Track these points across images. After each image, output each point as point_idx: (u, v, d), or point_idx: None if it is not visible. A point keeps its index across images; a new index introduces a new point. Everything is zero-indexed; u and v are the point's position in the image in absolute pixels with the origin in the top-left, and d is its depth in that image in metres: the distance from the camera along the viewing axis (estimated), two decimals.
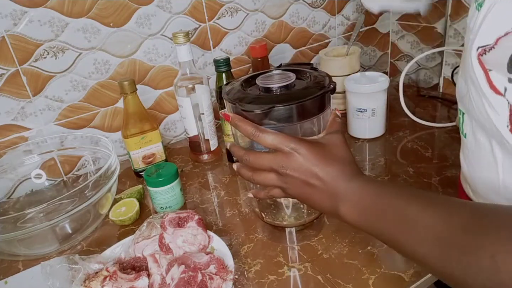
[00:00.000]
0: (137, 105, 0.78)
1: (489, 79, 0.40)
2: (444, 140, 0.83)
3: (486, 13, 0.39)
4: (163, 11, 0.86)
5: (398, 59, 1.23)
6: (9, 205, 0.79)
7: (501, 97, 0.39)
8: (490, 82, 0.40)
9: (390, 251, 0.55)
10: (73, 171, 0.87)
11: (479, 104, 0.43)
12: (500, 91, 0.39)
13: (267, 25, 1.00)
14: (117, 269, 0.53)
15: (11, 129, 0.79)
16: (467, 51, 0.43)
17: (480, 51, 0.40)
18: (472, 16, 0.42)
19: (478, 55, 0.40)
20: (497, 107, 0.40)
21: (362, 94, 0.82)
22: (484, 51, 0.39)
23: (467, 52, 0.43)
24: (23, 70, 0.77)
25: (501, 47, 0.37)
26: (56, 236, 0.65)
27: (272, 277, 0.55)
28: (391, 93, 1.08)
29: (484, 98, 0.41)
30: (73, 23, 0.78)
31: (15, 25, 0.73)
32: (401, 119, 0.93)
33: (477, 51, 0.40)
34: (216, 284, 0.50)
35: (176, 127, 0.99)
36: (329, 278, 0.53)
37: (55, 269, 0.52)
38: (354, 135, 0.88)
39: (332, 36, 1.13)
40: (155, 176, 0.68)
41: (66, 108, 0.83)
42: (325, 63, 0.97)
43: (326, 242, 0.59)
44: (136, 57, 0.87)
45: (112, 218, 0.69)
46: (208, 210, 0.71)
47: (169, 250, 0.56)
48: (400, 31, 1.19)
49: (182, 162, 0.88)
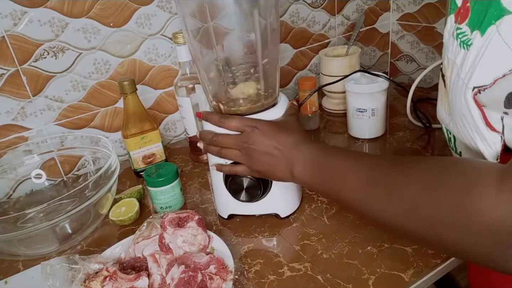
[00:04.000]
0: (137, 105, 0.78)
1: (485, 117, 0.41)
2: (444, 140, 0.83)
3: (478, 54, 0.39)
4: (163, 11, 0.86)
5: (398, 59, 1.23)
6: (9, 205, 0.79)
7: (495, 133, 0.40)
8: (486, 120, 0.41)
9: (391, 251, 0.56)
10: (73, 171, 0.87)
11: (468, 137, 0.43)
12: (495, 128, 0.40)
13: None
14: (117, 269, 0.53)
15: (11, 129, 0.79)
16: (458, 89, 0.42)
17: (475, 91, 0.40)
18: (457, 53, 0.42)
19: (474, 94, 0.40)
20: (490, 142, 0.41)
21: (362, 94, 0.82)
22: (479, 90, 0.39)
23: (458, 90, 0.42)
24: (23, 70, 0.77)
25: (497, 87, 0.38)
26: (56, 236, 0.65)
27: (272, 277, 0.55)
28: (391, 93, 1.08)
29: (477, 133, 0.42)
30: (73, 23, 0.78)
31: (15, 25, 0.73)
32: (401, 119, 0.93)
33: (473, 91, 0.40)
34: (216, 284, 0.50)
35: (176, 127, 0.99)
36: (329, 278, 0.53)
37: (55, 269, 0.52)
38: (354, 135, 0.88)
39: (332, 36, 1.13)
40: (155, 176, 0.68)
41: (66, 108, 0.83)
42: (325, 63, 0.97)
43: (326, 242, 0.59)
44: (136, 57, 0.87)
45: (112, 218, 0.69)
46: (208, 210, 0.71)
47: (169, 250, 0.56)
48: (400, 31, 1.19)
49: (182, 162, 0.88)
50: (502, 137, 0.40)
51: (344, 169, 0.46)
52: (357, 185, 0.43)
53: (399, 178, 0.39)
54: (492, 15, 0.37)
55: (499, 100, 0.38)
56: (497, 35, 0.36)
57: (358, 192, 0.43)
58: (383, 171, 0.42)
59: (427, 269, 0.52)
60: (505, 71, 0.36)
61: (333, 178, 0.47)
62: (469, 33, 0.40)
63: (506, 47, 0.36)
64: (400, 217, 0.38)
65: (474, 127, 0.42)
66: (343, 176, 0.45)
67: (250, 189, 0.60)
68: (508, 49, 0.36)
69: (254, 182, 0.59)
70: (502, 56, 0.36)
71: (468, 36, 0.40)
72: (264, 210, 0.65)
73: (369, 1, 1.15)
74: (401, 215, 0.38)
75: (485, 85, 0.38)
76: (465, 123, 0.43)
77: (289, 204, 0.66)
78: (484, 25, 0.38)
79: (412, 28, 1.14)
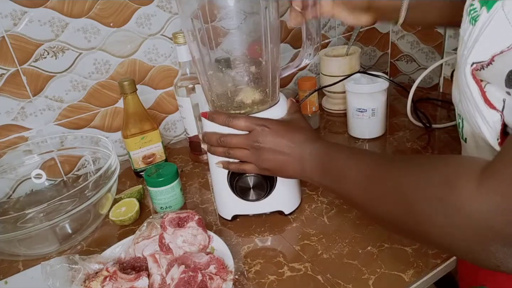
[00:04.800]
0: (137, 105, 0.78)
1: (484, 94, 0.40)
2: (444, 140, 0.83)
3: (481, 29, 0.39)
4: (163, 11, 0.86)
5: (398, 59, 1.23)
6: (9, 205, 0.79)
7: (494, 111, 0.40)
8: (485, 97, 0.40)
9: (391, 251, 0.56)
10: (73, 171, 0.87)
11: (471, 116, 0.43)
12: (495, 106, 0.40)
13: None
14: (117, 269, 0.53)
15: (11, 129, 0.79)
16: (460, 65, 0.43)
17: (474, 66, 0.40)
18: (466, 29, 0.42)
19: (472, 70, 0.40)
20: (490, 120, 0.41)
21: (362, 94, 0.82)
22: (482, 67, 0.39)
23: (460, 66, 0.43)
24: (23, 70, 0.77)
25: (498, 64, 0.37)
26: (56, 236, 0.65)
27: (272, 277, 0.55)
28: (391, 93, 1.08)
29: (477, 111, 0.42)
30: (73, 23, 0.78)
31: (15, 25, 0.73)
32: (401, 119, 0.93)
33: (472, 67, 0.40)
34: (216, 284, 0.50)
35: (176, 127, 0.99)
36: (329, 278, 0.53)
37: (55, 269, 0.52)
38: (354, 135, 0.88)
39: (332, 36, 1.13)
40: (155, 176, 0.68)
41: (66, 108, 0.83)
42: (325, 63, 0.97)
43: (326, 242, 0.59)
44: (136, 57, 0.87)
45: (112, 218, 0.69)
46: (208, 210, 0.71)
47: (169, 250, 0.56)
48: (400, 31, 1.19)
49: (182, 162, 0.88)
50: (502, 116, 0.40)
51: (347, 166, 0.47)
52: (357, 181, 0.45)
53: (393, 173, 0.41)
54: None
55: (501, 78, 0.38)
56: (501, 11, 0.36)
57: (358, 188, 0.45)
58: (381, 167, 0.43)
59: (427, 269, 0.52)
60: (503, 48, 0.36)
61: (338, 175, 0.48)
62: (479, 8, 0.40)
63: (508, 23, 0.35)
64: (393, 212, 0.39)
65: (474, 104, 0.41)
66: (346, 173, 0.47)
67: (257, 188, 0.60)
68: (509, 25, 0.35)
69: (260, 180, 0.59)
70: (503, 32, 0.36)
71: (477, 12, 0.40)
72: (268, 208, 0.65)
73: None
74: (393, 210, 0.39)
75: (483, 61, 0.38)
76: (467, 101, 0.43)
77: (293, 200, 0.66)
78: (492, 1, 0.38)
79: (412, 28, 1.14)
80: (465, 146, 0.50)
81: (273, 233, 0.63)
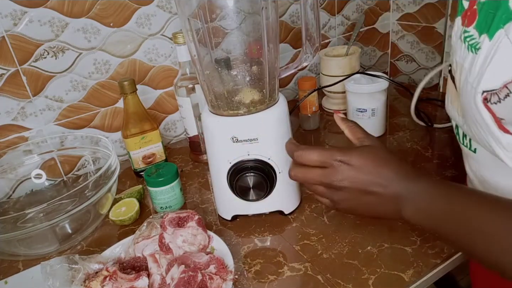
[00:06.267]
0: (137, 105, 0.78)
1: (498, 122, 0.39)
2: (444, 140, 0.83)
3: (486, 58, 0.38)
4: (163, 11, 0.86)
5: (398, 59, 1.23)
6: (9, 205, 0.79)
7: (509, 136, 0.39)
8: (499, 123, 0.39)
9: (391, 251, 0.56)
10: (73, 171, 0.87)
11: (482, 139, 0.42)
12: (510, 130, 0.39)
13: None
14: (117, 269, 0.53)
15: (11, 129, 0.79)
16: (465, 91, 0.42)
17: (485, 95, 0.39)
18: (465, 56, 0.41)
19: (483, 98, 0.39)
20: (505, 144, 0.40)
21: (362, 94, 0.82)
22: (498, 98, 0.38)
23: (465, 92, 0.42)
24: (23, 70, 0.77)
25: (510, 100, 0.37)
26: (56, 236, 0.65)
27: (272, 277, 0.55)
28: (391, 93, 1.08)
29: (491, 135, 0.41)
30: (73, 23, 0.78)
31: (15, 25, 0.73)
32: (401, 119, 0.93)
33: (482, 95, 0.39)
34: (216, 284, 0.50)
35: (176, 127, 0.99)
36: (329, 278, 0.53)
37: (55, 269, 0.52)
38: None
39: (332, 36, 1.13)
40: (155, 176, 0.68)
41: (66, 108, 0.83)
42: (325, 63, 0.97)
43: (326, 242, 0.59)
44: (136, 57, 0.87)
45: (112, 218, 0.69)
46: (208, 210, 0.71)
47: (169, 250, 0.56)
48: (400, 31, 1.19)
49: (182, 162, 0.88)
50: None
51: (467, 215, 0.40)
52: (479, 231, 0.39)
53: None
54: (501, 18, 0.36)
55: None
56: (506, 39, 0.36)
57: (478, 238, 0.39)
58: (499, 217, 0.39)
59: (427, 269, 0.52)
60: None
61: (456, 224, 0.41)
62: (477, 36, 0.40)
63: None
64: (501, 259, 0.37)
65: (488, 131, 0.41)
66: (467, 222, 0.40)
67: (257, 188, 0.60)
68: None
69: (260, 180, 0.59)
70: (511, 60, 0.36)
71: (476, 39, 0.40)
72: (268, 208, 0.65)
73: (369, 1, 1.15)
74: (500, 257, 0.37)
75: (494, 89, 0.38)
76: (478, 127, 0.42)
77: (292, 200, 0.66)
78: (493, 29, 0.37)
79: (412, 28, 1.14)
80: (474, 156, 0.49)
81: (273, 233, 0.63)
